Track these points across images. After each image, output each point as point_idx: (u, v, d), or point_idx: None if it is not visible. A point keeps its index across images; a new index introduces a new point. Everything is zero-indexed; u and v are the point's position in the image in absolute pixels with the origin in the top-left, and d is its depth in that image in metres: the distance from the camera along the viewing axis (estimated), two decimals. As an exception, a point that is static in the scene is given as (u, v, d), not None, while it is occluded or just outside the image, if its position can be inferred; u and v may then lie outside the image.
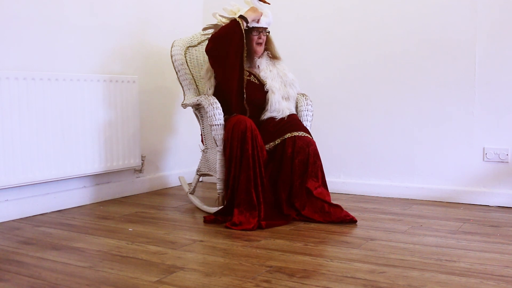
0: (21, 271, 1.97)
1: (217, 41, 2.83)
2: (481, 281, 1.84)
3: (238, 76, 2.81)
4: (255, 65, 2.99)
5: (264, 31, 2.92)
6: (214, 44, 2.84)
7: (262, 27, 2.89)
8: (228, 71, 2.81)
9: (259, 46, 2.93)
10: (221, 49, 2.81)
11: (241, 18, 2.80)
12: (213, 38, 2.85)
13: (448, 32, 3.18)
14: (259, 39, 2.91)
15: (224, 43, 2.80)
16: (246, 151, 2.63)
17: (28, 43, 2.81)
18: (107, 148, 3.16)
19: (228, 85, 2.83)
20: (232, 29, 2.79)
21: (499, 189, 3.09)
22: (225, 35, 2.81)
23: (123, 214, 2.90)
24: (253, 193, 2.60)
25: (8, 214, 2.74)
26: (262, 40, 2.92)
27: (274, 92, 2.91)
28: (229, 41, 2.79)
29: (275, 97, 2.90)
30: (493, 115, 3.09)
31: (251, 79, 2.95)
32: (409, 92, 3.31)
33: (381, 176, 3.43)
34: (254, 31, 2.89)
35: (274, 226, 2.60)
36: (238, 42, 2.78)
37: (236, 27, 2.79)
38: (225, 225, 2.61)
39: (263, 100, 2.92)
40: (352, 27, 3.47)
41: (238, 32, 2.78)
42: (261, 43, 2.93)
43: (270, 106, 2.89)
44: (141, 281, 1.86)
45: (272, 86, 2.93)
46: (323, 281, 1.85)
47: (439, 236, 2.44)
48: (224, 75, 2.84)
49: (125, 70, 3.37)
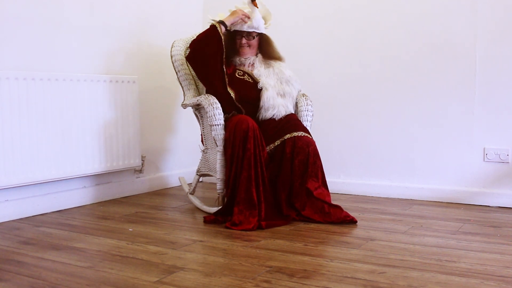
0: (21, 271, 1.97)
1: (195, 46, 2.91)
2: (481, 281, 1.84)
3: (221, 77, 2.85)
4: (248, 64, 3.01)
5: (248, 35, 2.96)
6: (193, 49, 2.92)
7: (245, 31, 2.93)
8: (209, 74, 2.87)
9: (244, 48, 2.98)
10: (199, 54, 2.88)
11: (219, 23, 2.86)
12: (192, 43, 2.95)
13: (449, 32, 3.18)
14: (241, 42, 2.97)
15: (202, 47, 2.87)
16: (248, 150, 2.63)
17: (28, 43, 2.81)
18: (107, 148, 3.16)
19: (212, 88, 2.88)
20: (209, 33, 2.87)
21: (499, 190, 3.09)
22: (202, 40, 2.89)
23: (123, 214, 2.90)
24: (254, 192, 2.60)
25: (8, 214, 2.74)
26: (246, 44, 2.96)
27: (267, 88, 2.92)
28: (206, 45, 2.85)
29: (268, 93, 2.90)
30: (493, 115, 3.09)
31: (245, 78, 2.97)
32: (409, 92, 3.31)
33: (381, 176, 3.42)
34: (238, 34, 2.96)
35: (274, 227, 2.60)
36: (216, 45, 2.83)
37: (213, 31, 2.85)
38: (225, 225, 2.61)
39: (257, 98, 2.93)
40: (353, 28, 3.46)
41: (215, 36, 2.84)
42: (245, 46, 2.97)
43: (263, 102, 2.89)
44: (141, 281, 1.85)
45: (266, 83, 2.94)
46: (323, 281, 1.85)
47: (439, 236, 2.43)
48: (206, 80, 2.91)
49: (125, 70, 3.37)
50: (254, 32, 2.96)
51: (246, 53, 2.99)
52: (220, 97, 2.85)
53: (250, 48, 2.99)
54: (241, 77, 2.95)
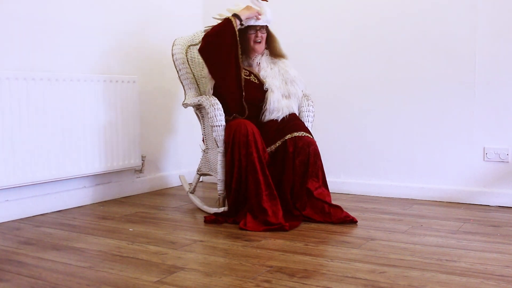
0: (22, 271, 1.97)
1: (208, 39, 2.83)
2: (481, 281, 1.84)
3: (235, 74, 2.80)
4: (255, 64, 2.99)
5: (261, 29, 2.91)
6: (206, 43, 2.84)
7: (258, 25, 2.88)
8: (223, 69, 2.81)
9: (257, 44, 2.92)
10: (213, 47, 2.80)
11: (234, 17, 2.80)
12: (205, 37, 2.86)
13: (449, 31, 3.17)
14: (257, 37, 2.90)
15: (216, 41, 2.80)
16: (251, 155, 2.62)
17: (28, 43, 2.81)
18: (107, 148, 3.16)
19: (225, 84, 2.82)
20: (223, 27, 2.79)
21: (499, 189, 3.09)
22: (217, 33, 2.81)
23: (124, 214, 2.89)
24: (263, 196, 2.58)
25: (9, 214, 2.74)
26: (260, 39, 2.91)
27: (273, 90, 2.90)
28: (220, 39, 2.78)
29: (274, 96, 2.89)
30: (493, 115, 3.09)
31: (251, 79, 2.94)
32: (409, 91, 3.31)
33: (381, 176, 3.42)
34: (251, 29, 2.89)
35: (295, 227, 2.58)
36: (231, 40, 2.77)
37: (228, 24, 2.78)
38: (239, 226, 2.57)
39: (262, 100, 2.91)
40: (353, 28, 3.46)
41: (230, 29, 2.77)
42: (259, 42, 2.92)
43: (268, 105, 2.88)
44: (142, 281, 1.85)
45: (272, 85, 2.92)
46: (323, 281, 1.85)
47: (440, 236, 2.43)
48: (218, 74, 2.84)
49: (125, 70, 3.37)
50: (266, 26, 2.93)
51: (259, 49, 2.93)
52: (229, 94, 2.81)
53: (261, 43, 2.93)
54: (247, 77, 2.92)
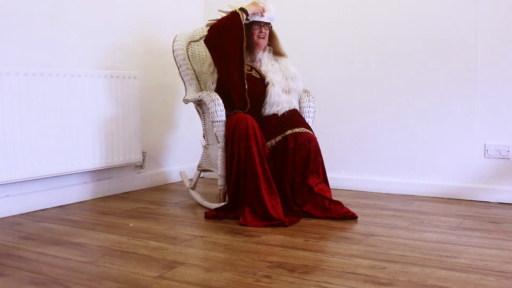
0: (22, 266, 1.97)
1: (215, 30, 2.85)
2: (481, 277, 1.85)
3: (239, 66, 2.81)
4: (256, 60, 3.00)
5: (266, 25, 2.93)
6: (212, 34, 2.85)
7: (263, 21, 2.90)
8: (228, 61, 2.82)
9: (261, 39, 2.94)
10: (220, 38, 2.82)
11: (241, 10, 2.81)
12: (212, 28, 2.87)
13: (450, 29, 3.17)
14: (260, 33, 2.92)
15: (223, 33, 2.82)
16: (251, 148, 2.63)
17: (28, 39, 2.81)
18: (108, 143, 3.16)
19: (228, 76, 2.84)
20: (231, 19, 2.81)
21: (500, 186, 3.09)
22: (224, 25, 2.83)
23: (124, 210, 2.90)
24: (262, 190, 2.59)
25: (9, 210, 2.74)
26: (263, 34, 2.94)
27: (274, 85, 2.92)
28: (227, 31, 2.80)
29: (274, 89, 2.90)
30: (494, 112, 3.09)
31: (252, 73, 2.95)
32: (410, 88, 3.31)
33: (382, 172, 3.43)
34: (255, 25, 2.91)
35: (295, 223, 2.58)
36: (237, 32, 2.79)
37: (235, 17, 2.80)
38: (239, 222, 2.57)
39: (263, 94, 2.92)
40: (354, 25, 3.46)
41: (237, 22, 2.79)
42: (263, 37, 2.94)
43: (269, 98, 2.89)
44: (142, 276, 1.86)
45: (273, 79, 2.94)
46: (323, 277, 1.85)
47: (440, 232, 2.44)
48: (223, 66, 2.85)
49: (126, 65, 3.36)
50: (269, 23, 2.95)
51: (262, 44, 2.96)
52: (233, 87, 2.83)
53: (264, 39, 2.96)
54: (249, 71, 2.94)
